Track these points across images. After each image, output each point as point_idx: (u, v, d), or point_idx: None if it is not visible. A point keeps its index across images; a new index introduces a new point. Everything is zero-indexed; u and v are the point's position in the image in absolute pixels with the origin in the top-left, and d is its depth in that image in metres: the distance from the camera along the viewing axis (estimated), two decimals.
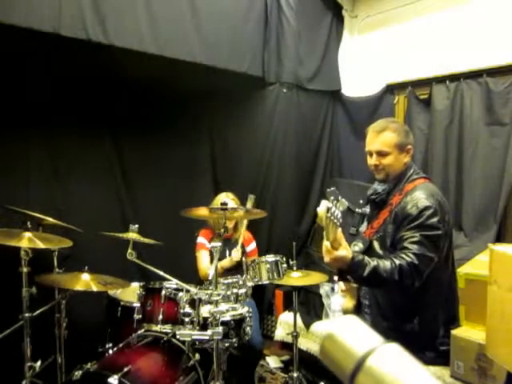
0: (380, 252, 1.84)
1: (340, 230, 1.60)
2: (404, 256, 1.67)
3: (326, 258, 1.64)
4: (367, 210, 2.13)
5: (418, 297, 1.79)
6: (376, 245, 1.87)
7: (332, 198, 1.54)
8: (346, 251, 1.62)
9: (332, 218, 1.52)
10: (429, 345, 1.82)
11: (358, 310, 2.02)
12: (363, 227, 2.09)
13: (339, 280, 1.89)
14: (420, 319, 1.81)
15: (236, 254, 2.86)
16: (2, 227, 2.24)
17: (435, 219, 1.74)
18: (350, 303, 2.04)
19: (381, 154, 1.88)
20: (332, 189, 1.54)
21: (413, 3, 3.68)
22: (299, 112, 3.94)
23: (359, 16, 4.18)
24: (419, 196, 1.78)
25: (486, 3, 3.27)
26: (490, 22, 3.23)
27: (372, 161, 1.91)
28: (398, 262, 1.66)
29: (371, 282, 1.76)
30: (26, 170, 2.76)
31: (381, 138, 1.88)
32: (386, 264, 1.66)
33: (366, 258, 1.69)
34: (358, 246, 1.92)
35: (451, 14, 3.46)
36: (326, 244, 1.63)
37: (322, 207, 1.55)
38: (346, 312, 2.08)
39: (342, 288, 2.07)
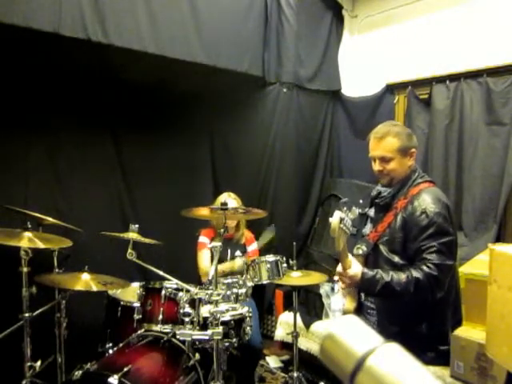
0: (388, 256, 1.83)
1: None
2: (424, 267, 1.68)
3: (346, 280, 1.75)
4: (371, 212, 2.11)
5: (429, 302, 1.78)
6: (382, 248, 1.86)
7: (345, 208, 1.62)
8: (356, 267, 1.71)
9: (344, 228, 1.58)
10: (431, 346, 1.82)
11: (358, 310, 2.01)
12: (367, 229, 2.09)
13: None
14: (429, 323, 1.81)
15: (240, 263, 2.81)
16: (2, 227, 2.24)
17: (447, 225, 1.74)
18: (350, 305, 2.03)
19: (384, 160, 1.88)
20: (345, 199, 1.62)
21: (413, 3, 3.68)
22: (299, 112, 3.95)
23: (359, 16, 4.18)
24: (427, 202, 1.77)
25: (486, 3, 3.27)
26: (490, 22, 3.23)
27: (376, 166, 1.91)
28: (415, 274, 1.67)
29: (384, 296, 1.79)
30: (26, 170, 2.76)
31: (383, 144, 1.87)
32: (401, 277, 1.68)
33: (380, 273, 1.71)
34: (362, 249, 1.92)
35: (451, 13, 3.46)
36: (337, 270, 1.74)
37: (336, 218, 1.58)
38: (346, 314, 2.07)
39: (342, 286, 2.06)
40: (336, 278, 1.82)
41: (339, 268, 1.75)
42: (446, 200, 1.84)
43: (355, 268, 1.72)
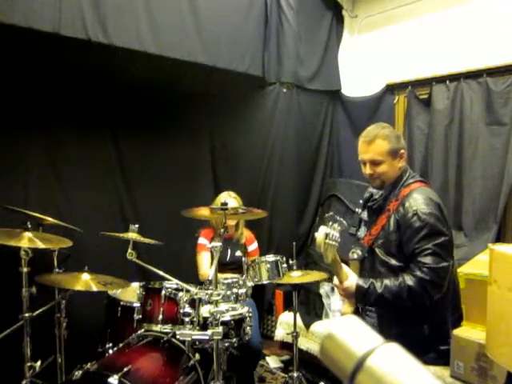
0: (384, 258, 1.84)
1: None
2: (417, 272, 1.68)
3: (340, 292, 1.84)
4: (364, 215, 2.10)
5: (428, 303, 1.78)
6: (378, 251, 1.86)
7: (330, 223, 1.68)
8: (351, 279, 1.76)
9: (330, 242, 1.64)
10: (432, 346, 1.82)
11: (358, 312, 2.00)
12: (361, 233, 2.08)
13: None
14: (429, 324, 1.81)
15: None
16: (2, 227, 2.24)
17: (440, 225, 1.74)
18: (348, 309, 2.02)
19: (374, 163, 1.87)
20: (330, 214, 1.66)
21: (413, 3, 3.68)
22: (299, 112, 3.95)
23: (359, 16, 4.18)
24: (418, 203, 1.77)
25: (486, 3, 3.27)
26: (490, 22, 3.23)
27: (367, 170, 1.91)
28: (408, 282, 1.68)
29: (380, 306, 1.84)
30: (26, 170, 2.76)
31: (372, 147, 1.87)
32: (392, 286, 1.70)
33: (372, 285, 1.73)
34: (357, 253, 1.92)
35: (451, 13, 3.46)
36: (334, 282, 1.83)
37: (321, 233, 1.64)
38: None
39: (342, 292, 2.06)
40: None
41: (335, 281, 1.82)
42: (438, 199, 1.83)
43: (350, 280, 1.77)
